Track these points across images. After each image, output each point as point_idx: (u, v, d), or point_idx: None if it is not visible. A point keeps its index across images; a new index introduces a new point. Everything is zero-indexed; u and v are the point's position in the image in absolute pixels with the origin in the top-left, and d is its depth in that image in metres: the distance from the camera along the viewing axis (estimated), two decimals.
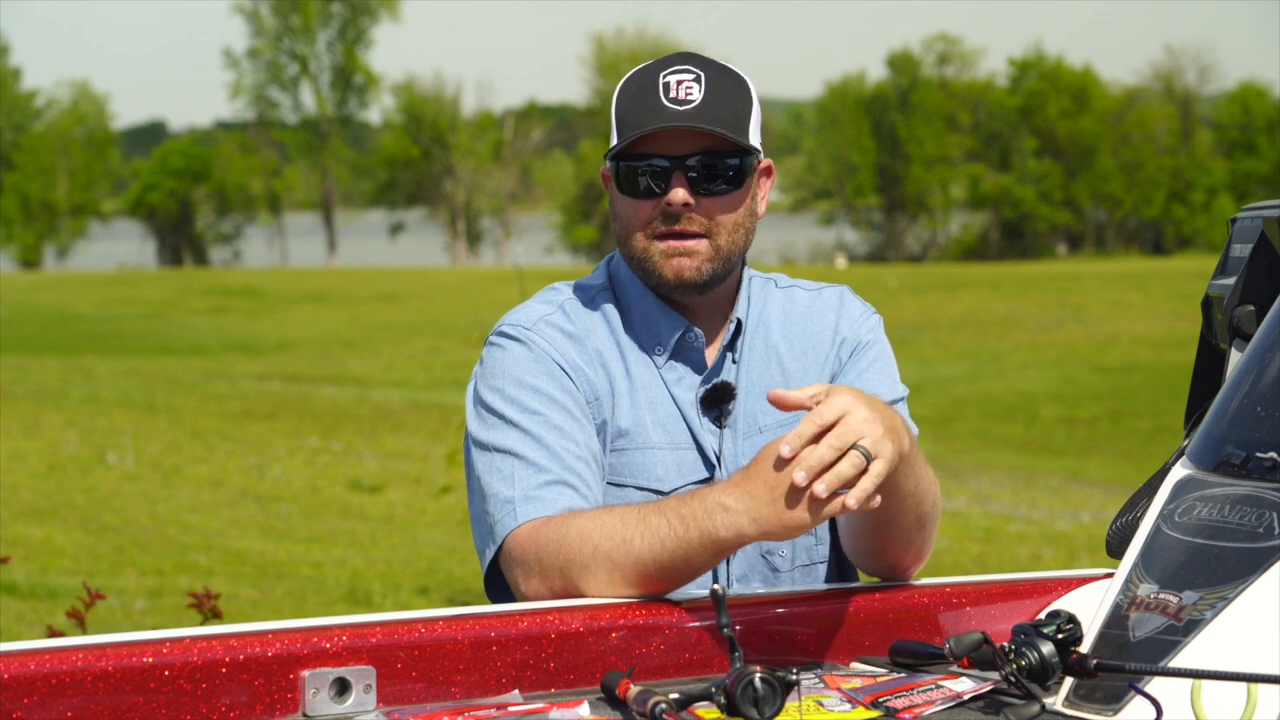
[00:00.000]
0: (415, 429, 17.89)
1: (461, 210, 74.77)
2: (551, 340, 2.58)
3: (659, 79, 2.57)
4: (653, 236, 2.57)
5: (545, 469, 2.46)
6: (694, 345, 2.63)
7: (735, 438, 2.61)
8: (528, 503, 2.43)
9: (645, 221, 2.57)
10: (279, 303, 41.72)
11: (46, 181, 73.91)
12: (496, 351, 2.59)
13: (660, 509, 2.31)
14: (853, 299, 2.75)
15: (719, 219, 2.57)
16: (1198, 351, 2.86)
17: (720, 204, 2.57)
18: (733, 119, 2.56)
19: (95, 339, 32.09)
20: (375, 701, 2.07)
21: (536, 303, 2.65)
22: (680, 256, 2.56)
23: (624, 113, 2.58)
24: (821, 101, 78.75)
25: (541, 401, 2.52)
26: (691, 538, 2.27)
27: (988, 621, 2.42)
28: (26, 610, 8.33)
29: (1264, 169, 72.95)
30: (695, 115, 2.53)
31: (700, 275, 2.57)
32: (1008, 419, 21.93)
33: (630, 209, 2.58)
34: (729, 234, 2.59)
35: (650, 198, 2.56)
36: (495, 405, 2.54)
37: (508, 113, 78.68)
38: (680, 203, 2.54)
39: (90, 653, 1.94)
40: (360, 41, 76.45)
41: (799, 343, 2.69)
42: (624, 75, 2.66)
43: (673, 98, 2.55)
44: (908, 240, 75.77)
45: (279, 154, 77.41)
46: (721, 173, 2.57)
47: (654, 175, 2.56)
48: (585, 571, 2.33)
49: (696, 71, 2.58)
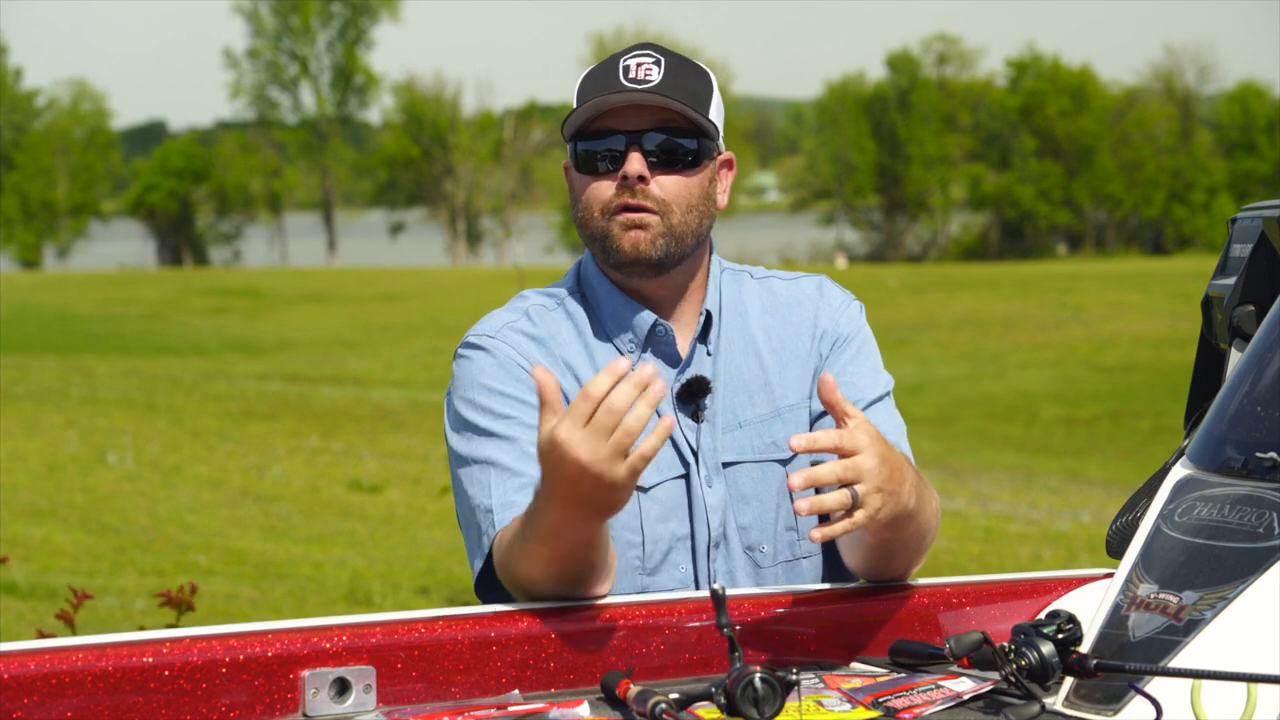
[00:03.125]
0: (415, 429, 17.89)
1: (461, 210, 74.76)
2: (516, 345, 2.58)
3: (619, 63, 2.58)
4: (611, 213, 2.57)
5: (520, 473, 2.46)
6: (664, 339, 2.62)
7: (714, 432, 2.60)
8: (505, 509, 2.44)
9: (604, 199, 2.57)
10: (279, 303, 41.72)
11: (46, 181, 73.91)
12: (464, 363, 2.60)
13: (525, 525, 2.30)
14: (832, 288, 2.74)
15: (672, 196, 2.56)
16: (1198, 351, 2.86)
17: (675, 183, 2.56)
18: (691, 99, 2.57)
19: (95, 339, 32.08)
20: (375, 701, 2.07)
21: (502, 311, 2.65)
22: (636, 230, 2.55)
23: (583, 95, 2.59)
24: (821, 101, 78.75)
25: (511, 406, 2.52)
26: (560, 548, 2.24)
27: (988, 621, 2.42)
28: (26, 610, 8.33)
29: (1264, 169, 72.94)
30: (652, 90, 2.54)
31: (655, 250, 2.56)
32: (1008, 419, 21.93)
33: (589, 188, 2.58)
34: (682, 214, 2.57)
35: (608, 175, 2.56)
36: (468, 416, 2.54)
37: (508, 113, 78.66)
38: (635, 174, 2.54)
39: (90, 653, 1.94)
40: (360, 41, 76.44)
41: (777, 335, 2.67)
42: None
43: (631, 78, 2.56)
44: (908, 240, 75.77)
45: (279, 154, 77.40)
46: (677, 150, 2.57)
47: (611, 152, 2.56)
48: (531, 581, 2.32)
49: (656, 55, 2.59)
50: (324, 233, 76.08)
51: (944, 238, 75.80)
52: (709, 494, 2.57)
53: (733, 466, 2.60)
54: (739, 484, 2.60)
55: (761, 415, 2.62)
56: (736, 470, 2.60)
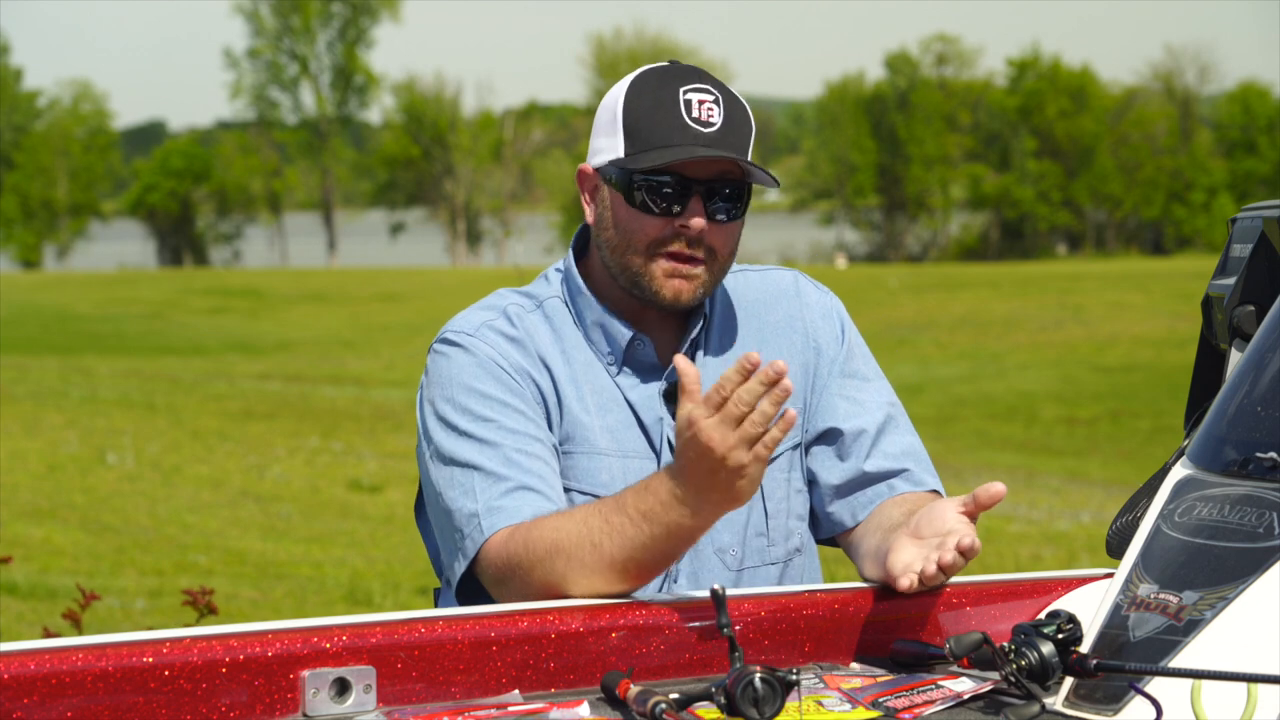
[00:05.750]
0: (415, 429, 17.85)
1: (461, 210, 74.75)
2: (495, 345, 2.56)
3: (679, 94, 2.54)
4: (655, 255, 2.55)
5: (505, 477, 2.45)
6: (642, 352, 2.61)
7: None
8: (492, 514, 2.42)
9: (652, 239, 2.54)
10: (279, 303, 41.71)
11: (46, 181, 73.89)
12: (440, 360, 2.57)
13: (619, 507, 2.31)
14: (807, 285, 2.74)
15: (721, 246, 2.57)
16: (1198, 351, 2.86)
17: (726, 231, 2.56)
18: (747, 145, 2.57)
19: (95, 339, 32.08)
20: (375, 701, 2.07)
21: (478, 309, 2.63)
22: (681, 279, 2.55)
23: (641, 123, 2.54)
24: (821, 101, 78.71)
25: (492, 407, 2.51)
26: (658, 533, 2.27)
27: (988, 621, 2.42)
28: (26, 610, 8.32)
29: (1264, 169, 72.92)
30: (720, 141, 2.52)
31: (695, 299, 2.57)
32: (1008, 419, 21.92)
33: (638, 223, 2.54)
34: (725, 261, 2.59)
35: (664, 216, 2.54)
36: (447, 416, 2.52)
37: (508, 113, 78.68)
38: (699, 228, 2.52)
39: (90, 653, 1.94)
40: (360, 41, 76.42)
41: (755, 334, 2.68)
42: (623, 76, 2.63)
43: (695, 118, 2.52)
44: (908, 240, 75.76)
45: (279, 154, 77.39)
46: (732, 200, 2.56)
47: (671, 194, 2.53)
48: (561, 579, 2.33)
49: (715, 93, 2.55)
50: (324, 233, 76.08)
51: (944, 238, 75.79)
52: None
53: None
54: None
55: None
56: None
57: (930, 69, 76.98)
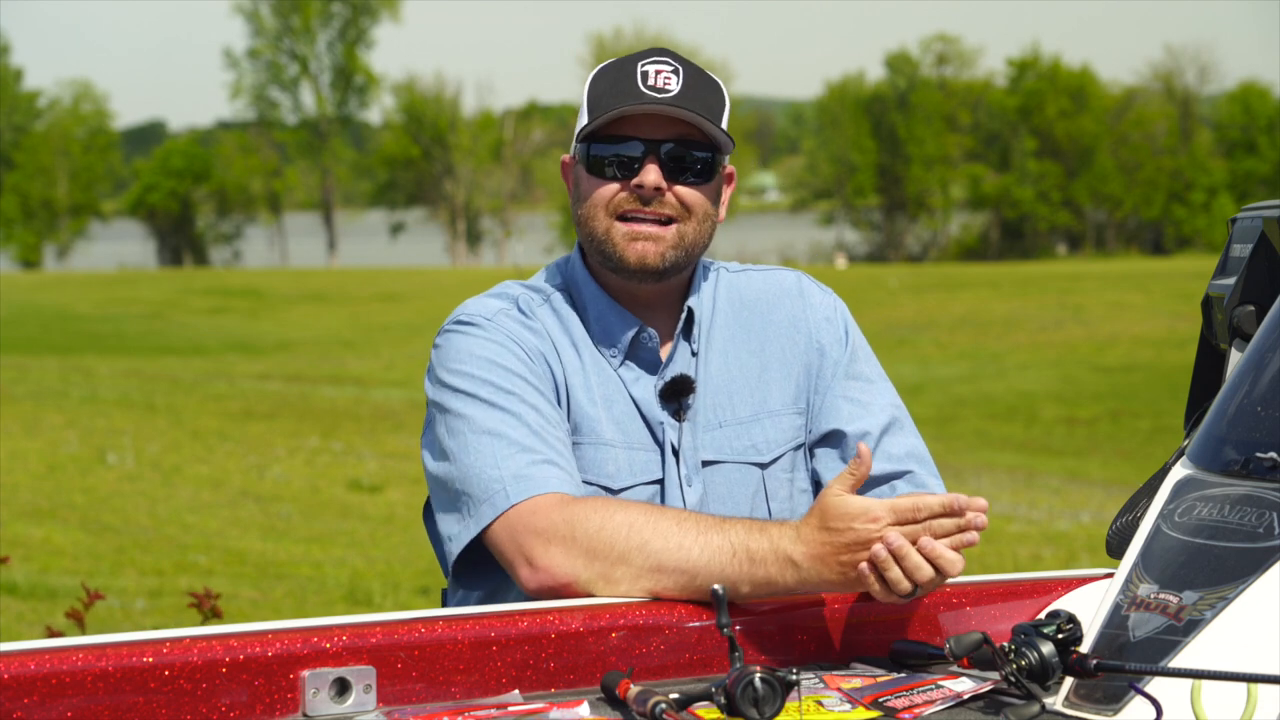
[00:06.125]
0: (415, 429, 17.88)
1: (461, 210, 74.75)
2: (512, 329, 2.56)
3: (636, 68, 2.57)
4: (616, 217, 2.56)
5: (531, 448, 2.42)
6: (648, 345, 2.62)
7: (694, 431, 2.60)
8: (519, 481, 2.38)
9: (608, 200, 2.56)
10: (279, 303, 41.71)
11: (46, 181, 73.88)
12: (457, 338, 2.55)
13: (723, 530, 2.31)
14: (811, 287, 2.75)
15: (690, 205, 2.57)
16: (1198, 351, 2.86)
17: (689, 194, 2.56)
18: (708, 111, 2.57)
19: (95, 339, 32.08)
20: (375, 701, 2.07)
21: (490, 297, 2.63)
22: (644, 241, 2.55)
23: (602, 98, 2.57)
24: (821, 101, 78.72)
25: (514, 381, 2.49)
26: (756, 576, 2.28)
27: (988, 621, 2.42)
28: (26, 610, 8.32)
29: (1264, 169, 72.92)
30: (673, 101, 2.54)
31: (662, 261, 2.56)
32: (1008, 419, 21.92)
33: (595, 189, 2.57)
34: (698, 224, 2.58)
35: (619, 180, 2.56)
36: (464, 386, 2.49)
37: (508, 113, 78.65)
38: (652, 186, 2.54)
39: (90, 653, 1.94)
40: (360, 41, 76.42)
41: (759, 334, 2.68)
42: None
43: (650, 85, 2.55)
44: (908, 240, 75.76)
45: (279, 154, 77.38)
46: (693, 163, 2.57)
47: (626, 158, 2.55)
48: (622, 561, 2.30)
49: (674, 64, 2.58)
50: (324, 233, 76.07)
51: (944, 238, 75.79)
52: (688, 493, 2.57)
53: (712, 466, 2.60)
54: (715, 484, 2.60)
55: (742, 417, 2.63)
56: (715, 470, 2.60)
57: (930, 69, 76.99)
